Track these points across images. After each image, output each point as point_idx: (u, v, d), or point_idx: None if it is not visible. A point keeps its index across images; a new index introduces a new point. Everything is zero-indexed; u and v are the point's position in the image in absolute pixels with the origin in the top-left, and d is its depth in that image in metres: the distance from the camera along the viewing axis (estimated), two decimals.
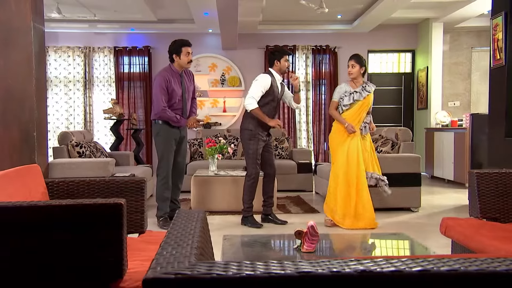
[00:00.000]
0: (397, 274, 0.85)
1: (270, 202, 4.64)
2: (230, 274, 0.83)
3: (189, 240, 1.06)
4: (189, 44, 4.52)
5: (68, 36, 8.82)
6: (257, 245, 2.50)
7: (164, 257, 0.93)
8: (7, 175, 1.88)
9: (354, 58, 4.57)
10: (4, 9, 3.40)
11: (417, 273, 0.86)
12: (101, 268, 1.68)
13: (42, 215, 1.62)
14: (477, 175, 2.76)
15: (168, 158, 4.52)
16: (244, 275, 0.83)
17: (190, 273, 0.82)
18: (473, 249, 2.40)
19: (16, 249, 1.60)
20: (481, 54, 9.18)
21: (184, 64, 4.49)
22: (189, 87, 4.65)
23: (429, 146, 8.30)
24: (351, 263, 0.87)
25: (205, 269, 0.84)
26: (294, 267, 0.85)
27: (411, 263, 0.90)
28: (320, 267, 0.85)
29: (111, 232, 1.67)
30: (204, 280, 0.82)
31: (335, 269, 0.85)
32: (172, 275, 0.82)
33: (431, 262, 0.90)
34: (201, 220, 1.32)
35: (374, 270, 0.84)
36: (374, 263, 0.90)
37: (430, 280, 0.85)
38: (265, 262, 0.89)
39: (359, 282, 0.83)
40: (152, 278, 0.81)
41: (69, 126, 8.83)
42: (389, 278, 0.85)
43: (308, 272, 0.83)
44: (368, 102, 4.62)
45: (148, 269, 0.87)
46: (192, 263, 0.88)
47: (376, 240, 2.80)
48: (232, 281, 0.82)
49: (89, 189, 2.42)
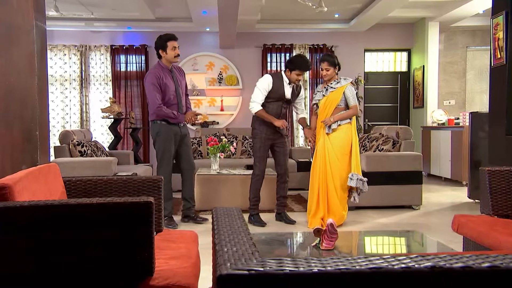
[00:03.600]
0: (436, 270, 0.87)
1: (281, 202, 4.65)
2: (301, 270, 0.84)
3: (243, 237, 1.07)
4: (175, 38, 4.43)
5: (64, 34, 8.74)
6: (274, 243, 2.51)
7: (228, 254, 0.93)
8: (31, 173, 1.87)
9: (327, 61, 4.42)
10: (6, 7, 3.36)
11: (459, 269, 0.87)
12: (132, 267, 1.67)
13: (72, 214, 1.62)
14: (488, 173, 2.79)
15: (168, 158, 4.47)
16: (315, 271, 0.83)
17: (262, 269, 0.83)
18: (488, 245, 2.43)
19: (48, 248, 1.59)
20: (476, 53, 9.28)
21: (171, 58, 4.41)
22: (181, 81, 4.59)
23: (426, 145, 8.37)
24: (421, 259, 0.89)
25: (276, 265, 0.85)
26: (364, 263, 0.86)
27: (451, 259, 0.92)
28: (389, 263, 0.86)
29: (141, 230, 1.66)
30: (276, 276, 0.82)
31: (403, 265, 0.86)
32: (246, 271, 0.82)
33: (470, 258, 0.92)
34: (242, 217, 1.33)
35: (412, 266, 0.86)
36: (411, 259, 0.91)
37: (472, 276, 0.86)
38: (332, 258, 0.90)
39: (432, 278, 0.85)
40: (226, 274, 0.81)
41: (65, 125, 8.76)
42: (428, 275, 0.87)
43: (379, 267, 0.84)
44: (332, 98, 4.41)
45: (216, 265, 0.88)
46: (259, 260, 0.89)
47: (391, 238, 2.82)
48: (303, 276, 0.83)
49: (107, 188, 2.41)
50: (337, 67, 4.43)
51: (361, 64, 9.28)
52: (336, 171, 4.31)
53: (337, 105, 4.39)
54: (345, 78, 4.46)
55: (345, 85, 4.39)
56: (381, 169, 5.22)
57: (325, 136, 4.41)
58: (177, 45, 4.42)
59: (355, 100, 4.37)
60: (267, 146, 4.48)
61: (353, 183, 4.27)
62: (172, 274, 1.76)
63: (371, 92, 9.41)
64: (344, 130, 4.36)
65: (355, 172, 4.30)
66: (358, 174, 4.31)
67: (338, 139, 4.35)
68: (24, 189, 1.74)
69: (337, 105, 4.39)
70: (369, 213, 5.09)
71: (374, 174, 5.17)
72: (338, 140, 4.35)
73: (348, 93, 4.37)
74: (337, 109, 4.40)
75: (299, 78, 4.43)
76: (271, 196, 4.97)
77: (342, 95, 4.37)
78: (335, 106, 4.40)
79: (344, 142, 4.35)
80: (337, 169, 4.31)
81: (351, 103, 4.36)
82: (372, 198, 5.14)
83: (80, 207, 1.61)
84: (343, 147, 4.34)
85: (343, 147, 4.34)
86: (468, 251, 2.71)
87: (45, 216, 1.57)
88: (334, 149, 4.34)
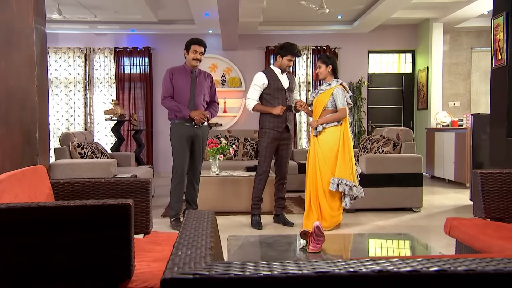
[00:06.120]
0: (414, 274, 0.85)
1: (280, 203, 4.65)
2: (247, 274, 0.83)
3: (202, 240, 1.06)
4: (200, 43, 4.50)
5: (69, 37, 8.82)
6: (262, 246, 2.50)
7: (179, 257, 0.93)
8: (14, 176, 1.88)
9: (320, 59, 4.50)
10: (6, 10, 3.40)
11: (434, 273, 0.86)
12: (110, 269, 1.68)
13: (50, 216, 1.62)
14: (481, 175, 2.76)
15: (181, 157, 4.47)
16: (261, 275, 0.83)
17: (207, 273, 0.82)
18: (478, 249, 2.41)
19: (24, 250, 1.60)
20: (481, 54, 9.20)
21: (189, 60, 4.50)
22: (202, 83, 4.58)
23: (430, 146, 8.31)
24: (367, 263, 0.87)
25: (223, 269, 0.84)
26: (311, 267, 0.85)
27: (427, 263, 0.90)
28: (337, 267, 0.85)
29: (119, 232, 1.67)
30: (221, 280, 0.82)
31: (351, 269, 0.85)
32: (190, 275, 0.82)
33: (447, 262, 0.90)
34: (211, 221, 1.32)
35: (391, 270, 0.84)
36: (390, 263, 0.90)
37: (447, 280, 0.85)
38: (281, 262, 0.89)
39: (376, 282, 0.84)
40: (170, 278, 0.81)
41: (70, 127, 8.82)
42: (406, 278, 0.85)
43: (325, 272, 0.83)
44: (320, 99, 4.42)
45: (165, 269, 0.87)
46: (208, 264, 0.88)
47: (382, 241, 2.80)
48: (249, 281, 0.82)
49: (94, 190, 2.42)
50: (330, 66, 4.41)
51: (365, 66, 9.24)
52: (324, 174, 4.30)
53: (325, 107, 4.37)
54: (337, 80, 4.43)
55: (333, 87, 4.37)
56: (381, 171, 5.19)
57: (315, 139, 4.42)
58: (199, 50, 4.49)
59: (344, 103, 4.33)
60: (273, 147, 4.48)
61: (333, 187, 4.22)
62: (151, 277, 1.76)
63: (375, 93, 9.37)
64: (331, 133, 4.33)
65: (339, 177, 4.24)
66: (343, 179, 4.23)
67: (324, 142, 4.34)
68: (5, 191, 1.75)
69: (325, 107, 4.37)
70: (368, 215, 5.06)
71: (374, 176, 5.15)
72: (325, 143, 4.34)
73: (336, 95, 4.33)
74: (326, 111, 4.38)
75: (290, 64, 4.48)
76: (270, 197, 4.96)
77: (330, 97, 4.35)
78: (322, 108, 4.38)
79: (330, 145, 4.32)
80: (324, 172, 4.30)
81: (339, 106, 4.33)
82: (372, 200, 5.11)
83: (58, 209, 1.62)
84: (330, 150, 4.31)
85: (329, 150, 4.31)
86: (460, 254, 2.68)
87: (22, 218, 1.57)
88: (322, 152, 4.33)
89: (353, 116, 8.99)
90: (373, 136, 6.25)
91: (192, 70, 4.56)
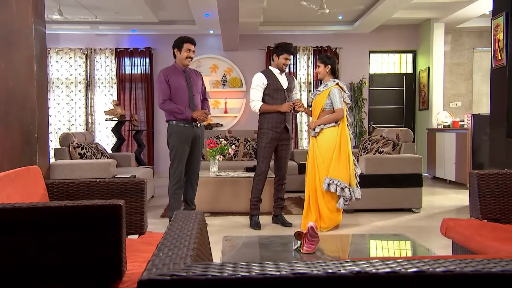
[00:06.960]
0: (392, 275, 0.85)
1: (279, 204, 4.65)
2: (225, 275, 0.83)
3: (185, 241, 1.06)
4: (192, 42, 4.48)
5: (70, 38, 8.85)
6: (257, 246, 2.50)
7: (160, 258, 0.93)
8: (6, 176, 1.89)
9: (320, 58, 4.49)
10: (5, 11, 3.41)
11: (412, 274, 0.86)
12: (100, 270, 1.68)
13: (41, 217, 1.63)
14: (477, 176, 2.75)
15: (180, 158, 4.43)
16: (239, 276, 0.82)
17: (185, 274, 0.82)
18: (474, 250, 2.40)
19: (15, 250, 1.60)
20: (483, 55, 9.17)
21: (182, 59, 4.45)
22: (196, 81, 4.57)
23: (431, 147, 8.29)
24: (347, 264, 0.87)
25: (200, 271, 0.84)
26: (290, 268, 0.85)
27: (406, 264, 0.90)
28: (316, 268, 0.85)
29: (110, 233, 1.67)
30: (199, 281, 0.82)
31: (330, 270, 0.84)
32: (168, 276, 0.82)
33: (427, 263, 0.90)
34: (198, 221, 1.32)
35: (369, 271, 0.84)
36: (370, 264, 0.90)
37: (426, 281, 0.85)
38: (261, 263, 0.89)
39: (355, 283, 0.83)
40: (147, 279, 0.81)
41: (71, 127, 8.85)
42: (384, 279, 0.85)
43: (303, 273, 0.83)
44: (318, 100, 4.44)
45: (144, 270, 0.87)
46: (187, 265, 0.88)
47: (377, 241, 2.79)
48: (227, 282, 0.82)
49: (89, 190, 2.42)
50: (329, 66, 4.40)
51: (366, 66, 9.22)
52: (322, 174, 4.30)
53: (323, 108, 4.38)
54: (333, 80, 4.42)
55: (329, 88, 4.37)
56: (381, 172, 5.18)
57: (314, 140, 4.42)
58: (192, 48, 4.48)
59: (340, 103, 4.32)
60: (272, 147, 4.47)
61: (324, 186, 4.23)
62: None
63: (376, 94, 9.35)
64: (329, 133, 4.33)
65: (332, 177, 4.23)
66: (335, 179, 4.23)
67: (322, 143, 4.35)
68: None
69: (323, 108, 4.38)
70: (367, 216, 5.05)
71: (374, 176, 5.14)
72: (323, 144, 4.34)
73: (332, 95, 4.33)
74: (324, 112, 4.38)
75: (287, 63, 4.49)
76: (270, 198, 4.95)
77: (327, 98, 4.35)
78: (320, 109, 4.38)
79: (327, 146, 4.32)
80: (322, 173, 4.30)
81: (336, 106, 4.33)
82: (371, 201, 5.11)
83: (49, 210, 1.62)
84: (327, 151, 4.31)
85: (327, 150, 4.31)
86: (456, 255, 2.67)
87: (13, 218, 1.58)
88: (320, 152, 4.34)
89: (354, 117, 8.98)
90: (373, 136, 6.24)
91: (185, 70, 4.53)
